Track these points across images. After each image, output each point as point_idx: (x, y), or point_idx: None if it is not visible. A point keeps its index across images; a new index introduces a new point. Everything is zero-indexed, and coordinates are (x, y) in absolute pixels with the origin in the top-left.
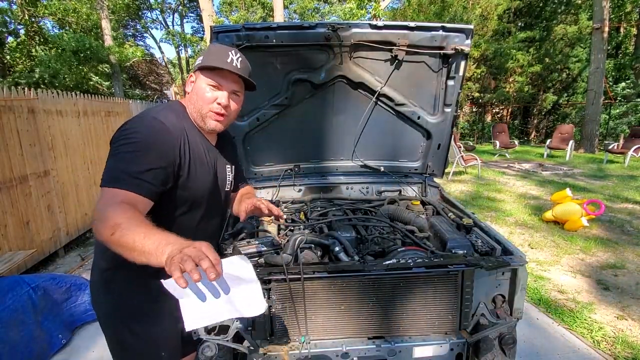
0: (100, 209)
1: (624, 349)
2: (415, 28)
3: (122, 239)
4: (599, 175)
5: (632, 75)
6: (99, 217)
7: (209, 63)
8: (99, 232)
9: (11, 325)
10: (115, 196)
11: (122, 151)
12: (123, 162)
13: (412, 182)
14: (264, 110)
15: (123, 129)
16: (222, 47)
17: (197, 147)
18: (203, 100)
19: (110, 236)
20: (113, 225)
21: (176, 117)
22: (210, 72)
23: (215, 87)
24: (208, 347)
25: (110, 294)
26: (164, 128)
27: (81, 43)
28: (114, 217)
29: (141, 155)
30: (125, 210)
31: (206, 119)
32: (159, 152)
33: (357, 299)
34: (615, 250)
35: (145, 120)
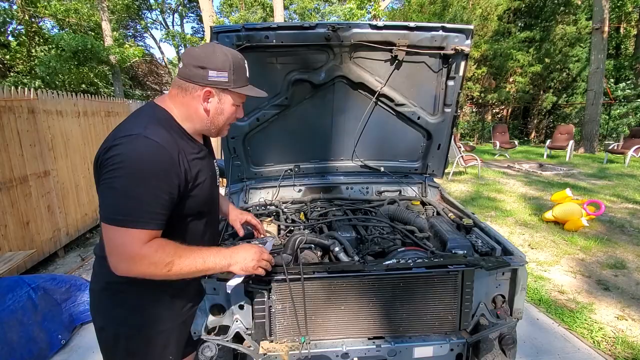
0: (129, 253)
1: (624, 349)
2: (415, 28)
3: (182, 271)
4: (599, 176)
5: (632, 75)
6: (135, 259)
7: (241, 88)
8: (144, 273)
9: (11, 325)
10: (139, 237)
11: (127, 184)
12: (134, 199)
13: (412, 182)
14: (264, 110)
15: (118, 157)
16: (241, 61)
17: (191, 154)
18: (227, 119)
19: (167, 273)
20: (165, 265)
21: (165, 130)
22: (236, 94)
23: (239, 105)
24: (208, 347)
25: (120, 306)
26: (161, 149)
27: (81, 43)
28: (159, 258)
29: (150, 188)
30: (163, 248)
31: (223, 131)
32: (164, 178)
33: (357, 299)
34: (615, 250)
35: (139, 144)
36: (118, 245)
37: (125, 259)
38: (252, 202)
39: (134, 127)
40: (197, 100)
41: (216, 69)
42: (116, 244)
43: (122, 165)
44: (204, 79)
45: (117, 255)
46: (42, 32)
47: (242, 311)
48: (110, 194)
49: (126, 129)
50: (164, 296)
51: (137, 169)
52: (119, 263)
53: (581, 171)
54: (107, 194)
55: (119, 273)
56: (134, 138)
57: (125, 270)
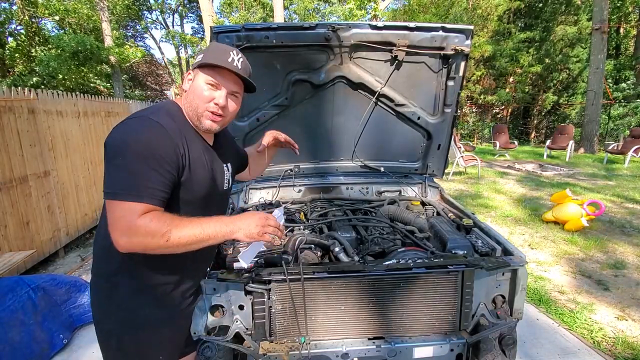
0: (127, 224)
1: (624, 349)
2: (415, 28)
3: (180, 240)
4: (599, 176)
5: (632, 76)
6: (132, 230)
7: (210, 61)
8: (144, 245)
9: (11, 325)
10: (136, 209)
11: (128, 161)
12: (134, 174)
13: (412, 183)
14: (264, 110)
15: (122, 135)
16: (223, 46)
17: (195, 148)
18: (200, 99)
19: (165, 243)
20: (162, 234)
21: (172, 118)
22: (210, 70)
23: (214, 87)
24: (208, 348)
25: (116, 303)
26: (163, 131)
27: (81, 43)
28: (155, 227)
29: (150, 164)
30: (159, 218)
31: (202, 118)
32: (164, 158)
33: (357, 300)
34: (616, 250)
35: (144, 124)
36: (118, 219)
37: (124, 232)
38: (252, 202)
39: (143, 112)
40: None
41: (199, 54)
42: (116, 217)
43: (126, 142)
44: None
45: (117, 229)
46: (42, 32)
47: (242, 311)
48: (111, 170)
49: (137, 112)
50: (159, 295)
51: (139, 145)
52: (120, 237)
53: (581, 171)
54: (109, 169)
55: (121, 249)
56: (137, 119)
57: (126, 244)
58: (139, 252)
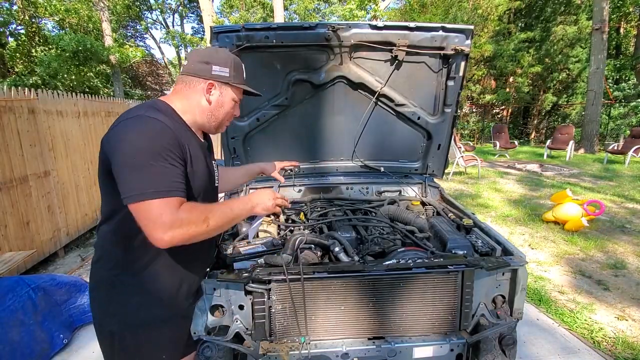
0: (170, 219)
1: (625, 349)
2: (415, 28)
3: (217, 223)
4: (599, 176)
5: (632, 75)
6: (176, 224)
7: (240, 84)
8: (189, 235)
9: (11, 325)
10: (173, 204)
11: (145, 161)
12: (157, 172)
13: (412, 183)
14: (264, 110)
15: (128, 137)
16: (240, 63)
17: (192, 144)
18: (226, 114)
19: (207, 228)
20: (203, 220)
21: (165, 116)
22: (237, 89)
23: (237, 102)
24: (208, 348)
25: (117, 301)
26: (165, 127)
27: (81, 43)
28: (195, 216)
29: (166, 159)
30: (195, 207)
31: (222, 127)
32: (174, 152)
33: (357, 300)
34: (616, 250)
35: (146, 123)
36: (157, 217)
37: (169, 228)
38: None
39: (136, 111)
40: (200, 92)
41: (219, 64)
42: (154, 216)
43: (134, 144)
44: (207, 72)
45: (159, 227)
46: (42, 32)
47: (242, 311)
48: (130, 173)
49: (130, 112)
50: (161, 297)
51: (148, 145)
52: (164, 234)
53: (581, 171)
54: (128, 174)
55: (165, 245)
56: (137, 118)
57: (171, 239)
58: (181, 244)
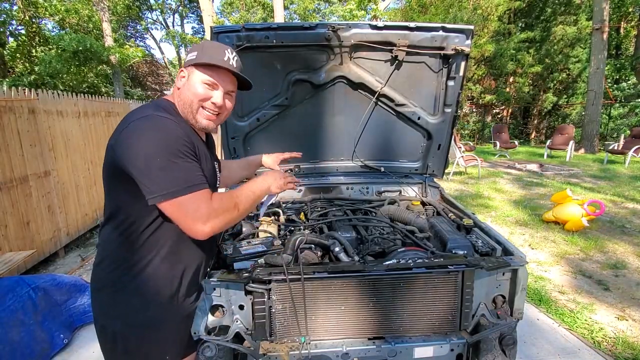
0: (207, 211)
1: (625, 349)
2: (415, 28)
3: (245, 205)
4: (599, 176)
5: (632, 75)
6: (213, 215)
7: (206, 60)
8: (225, 222)
9: (11, 325)
10: (206, 196)
11: (167, 159)
12: (182, 169)
13: (412, 183)
14: (264, 110)
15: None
16: (217, 45)
17: (197, 142)
18: (196, 97)
19: (237, 213)
20: (234, 207)
21: (171, 114)
22: (207, 69)
23: (211, 86)
24: (208, 348)
25: (120, 303)
26: (175, 125)
27: (82, 44)
28: (227, 204)
29: (185, 156)
30: (223, 196)
31: (197, 116)
32: (189, 147)
33: (357, 300)
34: (616, 250)
35: (157, 122)
36: (194, 211)
37: (206, 220)
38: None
39: (144, 111)
40: (176, 82)
41: (191, 52)
42: (191, 211)
43: (152, 144)
44: (185, 62)
45: (198, 220)
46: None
47: (242, 311)
48: (155, 173)
49: (137, 113)
50: (163, 298)
51: (165, 143)
52: (204, 225)
53: (581, 171)
54: (152, 174)
55: (206, 235)
56: (148, 118)
57: (210, 229)
58: (220, 231)
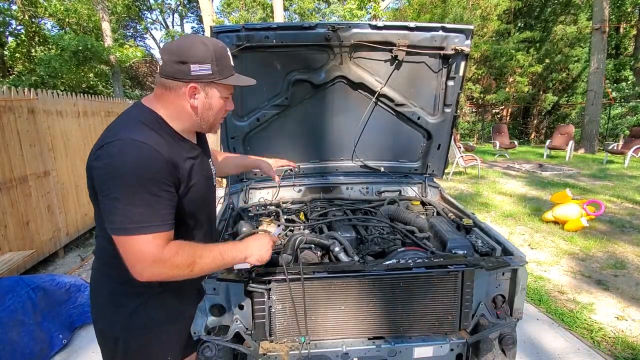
0: (152, 257)
1: (624, 349)
2: (415, 28)
3: (203, 269)
4: (599, 176)
5: (632, 75)
6: (158, 263)
7: (228, 76)
8: (169, 276)
9: (11, 325)
10: (156, 241)
11: (129, 192)
12: (141, 205)
13: (412, 183)
14: (264, 110)
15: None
16: (223, 50)
17: (183, 156)
18: (218, 113)
19: (189, 272)
20: (188, 265)
21: (155, 132)
22: (224, 86)
23: (228, 97)
24: (208, 348)
25: (121, 306)
26: (152, 151)
27: (82, 43)
28: (181, 260)
29: (152, 191)
30: (182, 250)
31: (214, 127)
32: (162, 180)
33: (357, 300)
34: (616, 250)
35: (131, 148)
36: (138, 253)
37: (149, 265)
38: (252, 202)
39: (122, 131)
40: (182, 97)
41: (198, 62)
42: (136, 252)
43: (117, 173)
44: (187, 74)
45: (141, 262)
46: (42, 32)
47: (242, 311)
48: (114, 206)
49: (114, 133)
50: (164, 300)
51: (133, 175)
52: (145, 270)
53: (581, 171)
54: (111, 205)
55: (145, 279)
56: (123, 143)
57: (151, 276)
58: (162, 281)
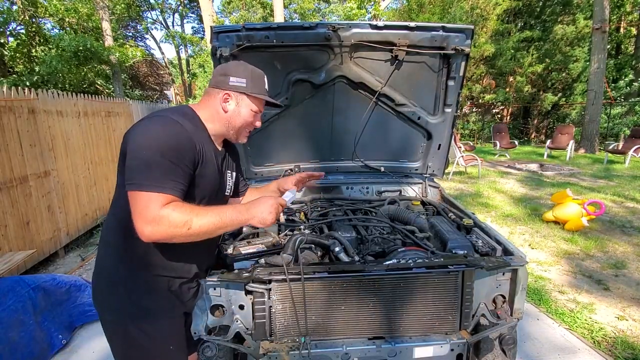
0: (152, 214)
1: (625, 349)
2: (415, 28)
3: (201, 229)
4: (600, 176)
5: (631, 74)
6: (156, 220)
7: (257, 93)
8: (167, 234)
9: (11, 325)
10: (159, 199)
11: (152, 155)
12: (158, 167)
13: (413, 183)
14: (265, 110)
15: (146, 132)
16: (260, 74)
17: (209, 149)
18: (246, 124)
19: (187, 232)
20: (183, 224)
21: (189, 120)
22: (256, 100)
23: (256, 113)
24: (208, 347)
25: (118, 294)
26: (183, 130)
27: (82, 43)
28: (176, 217)
29: (171, 159)
30: (180, 208)
31: (240, 136)
32: (183, 153)
33: (357, 300)
34: (616, 250)
35: (166, 122)
36: (142, 209)
37: (148, 222)
38: None
39: (162, 112)
40: (218, 102)
41: (236, 76)
42: (140, 207)
43: (147, 139)
44: (225, 83)
45: (142, 218)
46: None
47: (242, 311)
48: (136, 163)
49: (157, 112)
50: (156, 284)
51: (160, 141)
52: (144, 226)
53: (581, 171)
54: (136, 164)
55: (145, 238)
56: (163, 118)
57: (150, 233)
58: (161, 241)
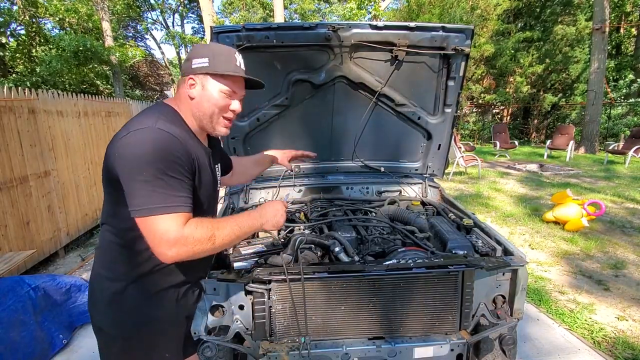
0: (175, 237)
1: (625, 349)
2: (415, 28)
3: (224, 240)
4: (600, 176)
5: (631, 75)
6: (181, 242)
7: (222, 70)
8: (193, 252)
9: (12, 325)
10: (177, 220)
11: (153, 175)
12: (164, 187)
13: (413, 183)
14: (265, 110)
15: (136, 150)
16: (227, 49)
17: (199, 152)
18: (217, 107)
19: (212, 246)
20: (208, 239)
21: (174, 125)
22: (223, 78)
23: (229, 95)
24: (208, 348)
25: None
26: (175, 140)
27: (82, 43)
28: (201, 234)
29: (173, 174)
30: (201, 224)
31: (217, 125)
32: (183, 165)
33: (357, 300)
34: (616, 250)
35: (155, 135)
36: (162, 233)
37: (172, 245)
38: (252, 202)
39: (145, 121)
40: (185, 89)
41: (197, 57)
42: (159, 232)
43: (144, 157)
44: (189, 69)
45: (164, 243)
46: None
47: (242, 311)
48: (139, 188)
49: (138, 122)
50: (162, 297)
51: (158, 159)
52: (168, 250)
53: (582, 171)
54: (135, 188)
55: (169, 260)
56: (150, 130)
57: (176, 255)
58: (186, 259)
